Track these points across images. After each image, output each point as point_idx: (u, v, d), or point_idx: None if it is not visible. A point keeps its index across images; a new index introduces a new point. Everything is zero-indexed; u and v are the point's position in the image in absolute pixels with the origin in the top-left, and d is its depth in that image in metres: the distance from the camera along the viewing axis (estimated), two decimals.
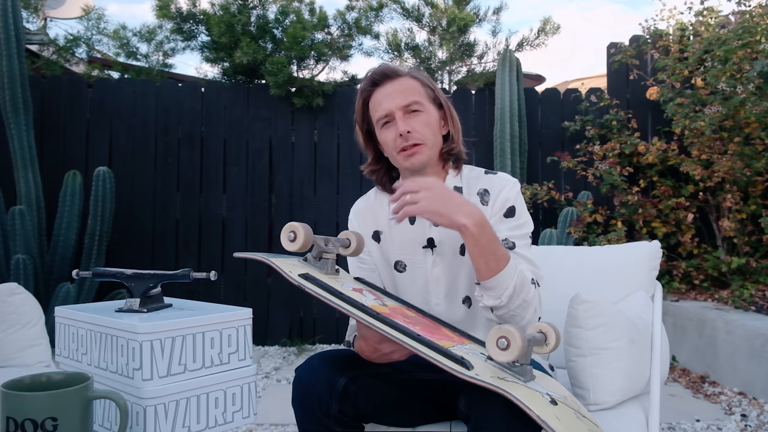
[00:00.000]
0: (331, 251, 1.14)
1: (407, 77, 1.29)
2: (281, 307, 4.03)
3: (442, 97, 1.32)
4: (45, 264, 3.56)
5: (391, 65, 1.31)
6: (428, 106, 1.28)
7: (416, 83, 1.29)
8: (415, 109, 1.26)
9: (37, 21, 5.04)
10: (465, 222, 1.09)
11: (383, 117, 1.28)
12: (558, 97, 4.27)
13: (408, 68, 1.32)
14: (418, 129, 1.26)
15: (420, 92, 1.28)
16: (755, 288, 3.46)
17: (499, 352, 0.90)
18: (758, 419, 2.53)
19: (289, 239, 1.10)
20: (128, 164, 4.04)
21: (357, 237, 1.19)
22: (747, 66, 3.43)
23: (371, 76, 1.29)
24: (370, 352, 1.13)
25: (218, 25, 4.09)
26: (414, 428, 1.29)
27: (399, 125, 1.25)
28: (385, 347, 1.10)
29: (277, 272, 1.06)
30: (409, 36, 4.62)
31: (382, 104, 1.27)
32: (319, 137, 4.17)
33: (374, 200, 1.40)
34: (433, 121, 1.29)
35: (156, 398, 0.97)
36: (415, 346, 0.94)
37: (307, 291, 1.01)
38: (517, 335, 0.89)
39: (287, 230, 1.10)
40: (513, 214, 1.27)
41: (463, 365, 0.91)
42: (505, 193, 1.27)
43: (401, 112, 1.25)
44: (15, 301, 1.69)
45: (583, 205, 3.76)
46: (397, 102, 1.26)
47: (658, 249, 1.66)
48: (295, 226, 1.09)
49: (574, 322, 1.31)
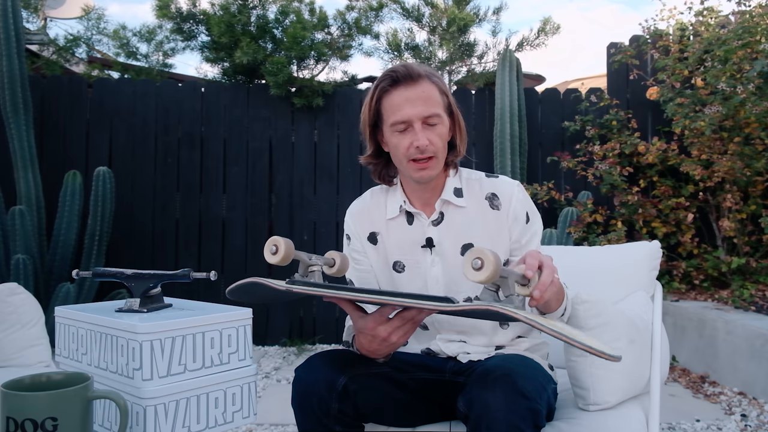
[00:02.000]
0: (316, 263, 1.16)
1: (428, 82, 1.23)
2: (281, 307, 4.02)
3: (454, 105, 1.29)
4: (45, 264, 3.56)
5: (414, 66, 1.24)
6: (444, 117, 1.25)
7: (435, 91, 1.24)
8: (433, 123, 1.23)
9: (37, 21, 5.05)
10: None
11: (400, 122, 1.22)
12: (558, 97, 4.27)
13: (426, 69, 1.26)
14: (435, 142, 1.23)
15: (439, 102, 1.24)
16: (755, 288, 3.46)
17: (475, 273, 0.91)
18: (758, 419, 2.53)
19: (271, 252, 1.11)
20: (128, 164, 4.04)
21: (341, 257, 1.21)
22: (747, 66, 3.43)
23: (392, 74, 1.23)
24: (369, 343, 1.12)
25: (218, 25, 4.09)
26: (414, 428, 1.29)
27: (419, 138, 1.21)
28: (382, 331, 1.09)
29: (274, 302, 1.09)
30: (409, 36, 4.62)
31: (402, 108, 1.22)
32: (319, 137, 4.18)
33: (370, 201, 1.40)
34: (446, 132, 1.26)
35: (156, 398, 0.97)
36: (401, 300, 0.97)
37: (296, 291, 1.04)
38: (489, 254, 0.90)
39: (270, 243, 1.11)
40: (530, 218, 1.32)
41: (449, 301, 0.93)
42: (517, 197, 1.31)
43: (420, 122, 1.21)
44: (15, 301, 1.69)
45: (583, 205, 3.76)
46: (419, 111, 1.21)
47: (658, 249, 1.66)
48: (277, 239, 1.11)
49: (574, 322, 1.31)
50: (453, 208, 1.31)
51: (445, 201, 1.31)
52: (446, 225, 1.31)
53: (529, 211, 1.32)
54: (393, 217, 1.34)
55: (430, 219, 1.32)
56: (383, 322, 1.09)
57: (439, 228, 1.31)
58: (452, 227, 1.31)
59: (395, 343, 1.10)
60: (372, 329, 1.10)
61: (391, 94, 1.24)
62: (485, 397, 1.00)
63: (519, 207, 1.30)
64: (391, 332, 1.09)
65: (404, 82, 1.22)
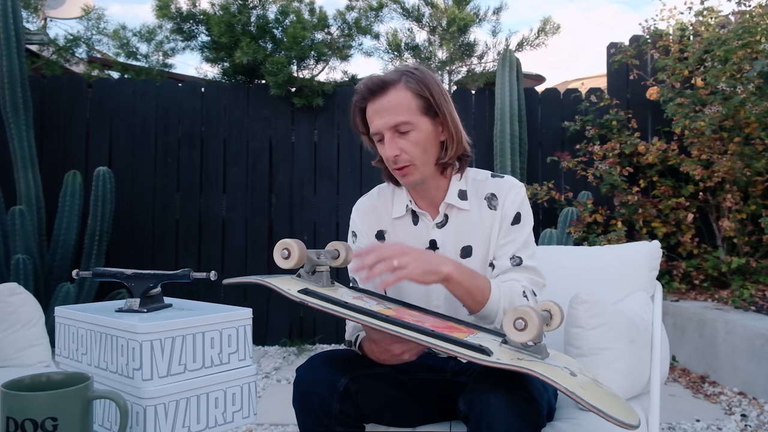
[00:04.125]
0: (324, 263, 1.14)
1: (397, 89, 1.20)
2: (281, 307, 4.02)
3: (438, 105, 1.22)
4: (45, 264, 3.56)
5: (380, 76, 1.22)
6: (419, 121, 1.21)
7: (407, 95, 1.20)
8: (404, 130, 1.20)
9: (37, 21, 5.05)
10: (448, 270, 1.11)
11: (375, 134, 1.24)
12: (558, 97, 4.27)
13: (403, 71, 1.22)
14: (407, 149, 1.21)
15: (410, 107, 1.20)
16: (755, 288, 3.46)
17: (517, 333, 0.91)
18: (758, 419, 2.53)
19: (283, 257, 1.07)
20: (128, 164, 4.04)
21: (345, 247, 1.20)
22: (747, 66, 3.43)
23: (361, 90, 1.23)
24: (380, 353, 1.15)
25: (218, 25, 4.09)
26: (414, 428, 1.29)
27: (387, 149, 1.20)
28: (397, 348, 1.11)
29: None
30: (409, 36, 4.62)
31: (373, 121, 1.23)
32: (319, 137, 4.17)
33: (378, 199, 1.39)
34: (424, 137, 1.22)
35: (156, 398, 0.97)
36: (432, 341, 0.94)
37: (311, 306, 1.00)
38: (533, 315, 0.90)
39: (280, 247, 1.08)
40: (519, 221, 1.28)
41: (483, 352, 0.92)
42: (512, 198, 1.28)
43: (390, 132, 1.20)
44: (15, 301, 1.69)
45: (583, 205, 3.76)
46: (386, 121, 1.20)
47: (658, 249, 1.66)
48: (288, 243, 1.07)
49: (574, 322, 1.31)
50: (457, 210, 1.30)
51: (449, 204, 1.30)
52: (450, 228, 1.31)
53: (522, 213, 1.28)
54: (399, 217, 1.34)
55: (435, 221, 1.31)
56: (399, 340, 1.10)
57: (444, 230, 1.30)
58: (455, 230, 1.30)
59: (406, 359, 1.14)
60: (388, 343, 1.12)
61: (366, 108, 1.25)
62: (486, 397, 1.00)
63: (511, 207, 1.28)
64: (405, 351, 1.12)
65: (371, 96, 1.22)
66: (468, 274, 1.15)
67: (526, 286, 1.22)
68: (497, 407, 0.98)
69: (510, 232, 1.27)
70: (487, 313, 1.17)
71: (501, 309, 1.16)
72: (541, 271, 1.28)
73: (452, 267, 1.12)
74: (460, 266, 1.14)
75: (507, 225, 1.27)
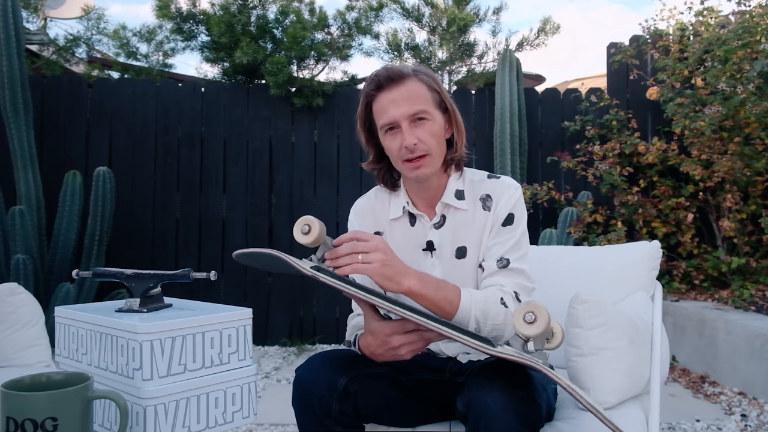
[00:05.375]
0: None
1: (413, 80, 1.21)
2: (281, 307, 4.03)
3: (447, 101, 1.25)
4: (45, 264, 3.56)
5: (397, 67, 1.23)
6: (434, 113, 1.22)
7: (423, 87, 1.22)
8: (422, 118, 1.20)
9: (37, 21, 5.04)
10: (410, 284, 1.09)
11: (388, 124, 1.21)
12: (558, 97, 4.27)
13: (413, 68, 1.24)
14: (425, 140, 1.20)
15: (426, 98, 1.21)
16: (755, 288, 3.46)
17: (527, 326, 0.92)
18: (758, 419, 2.53)
19: (303, 231, 1.06)
20: (128, 164, 4.04)
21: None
22: (747, 66, 3.43)
23: (375, 79, 1.22)
24: (376, 347, 1.13)
25: (218, 25, 4.09)
26: (414, 428, 1.29)
27: (406, 137, 1.19)
28: (395, 340, 1.09)
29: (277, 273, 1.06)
30: (409, 36, 4.62)
31: (387, 110, 1.21)
32: (319, 137, 4.18)
33: (375, 200, 1.39)
34: (438, 129, 1.23)
35: (156, 398, 0.97)
36: (440, 327, 0.94)
37: (321, 281, 0.99)
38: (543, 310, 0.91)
39: (302, 223, 1.06)
40: (511, 222, 1.26)
41: (488, 342, 0.92)
42: (506, 199, 1.27)
43: (407, 121, 1.19)
44: (15, 301, 1.69)
45: (583, 205, 3.76)
46: (403, 110, 1.19)
47: (658, 249, 1.66)
48: (310, 219, 1.06)
49: (574, 322, 1.31)
50: (454, 210, 1.30)
51: (445, 204, 1.30)
52: (447, 228, 1.30)
53: (515, 214, 1.26)
54: (396, 218, 1.34)
55: (432, 222, 1.31)
56: (400, 332, 1.09)
57: (441, 231, 1.30)
58: (452, 230, 1.30)
59: (402, 355, 1.11)
60: (387, 335, 1.10)
61: (377, 98, 1.23)
62: (484, 397, 1.00)
63: (504, 209, 1.26)
64: (403, 344, 1.10)
65: (387, 85, 1.21)
66: (434, 286, 1.12)
67: (508, 291, 1.20)
68: (495, 407, 0.98)
69: (500, 234, 1.26)
70: (458, 322, 1.15)
71: (473, 318, 1.14)
72: (531, 275, 1.26)
73: (415, 281, 1.09)
74: (424, 279, 1.12)
75: (498, 226, 1.26)
